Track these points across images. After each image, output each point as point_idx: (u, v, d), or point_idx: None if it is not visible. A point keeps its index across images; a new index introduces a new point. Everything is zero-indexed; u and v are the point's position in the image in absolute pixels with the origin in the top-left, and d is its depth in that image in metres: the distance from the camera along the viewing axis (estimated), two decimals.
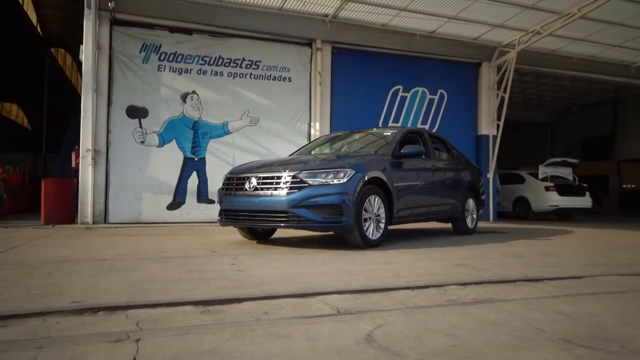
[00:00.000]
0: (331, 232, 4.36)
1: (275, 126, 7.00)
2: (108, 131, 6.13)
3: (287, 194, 3.41)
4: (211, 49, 6.67)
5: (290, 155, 4.84)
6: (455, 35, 7.61)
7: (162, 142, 6.42)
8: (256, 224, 3.66)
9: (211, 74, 6.68)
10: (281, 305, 1.86)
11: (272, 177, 3.54)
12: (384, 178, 3.81)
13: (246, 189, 3.61)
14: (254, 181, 3.60)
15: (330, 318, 1.70)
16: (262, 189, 3.55)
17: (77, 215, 5.97)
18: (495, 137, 8.15)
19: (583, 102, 12.95)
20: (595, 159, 13.37)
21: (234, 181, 3.81)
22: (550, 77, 9.93)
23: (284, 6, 6.57)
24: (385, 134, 4.71)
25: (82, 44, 6.00)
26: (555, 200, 8.64)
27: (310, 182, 3.41)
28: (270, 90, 7.03)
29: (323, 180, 3.42)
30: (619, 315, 1.79)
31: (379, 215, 3.75)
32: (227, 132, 6.75)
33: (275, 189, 3.48)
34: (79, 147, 6.08)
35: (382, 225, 3.76)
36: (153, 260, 2.96)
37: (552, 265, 2.96)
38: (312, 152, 4.94)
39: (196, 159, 6.58)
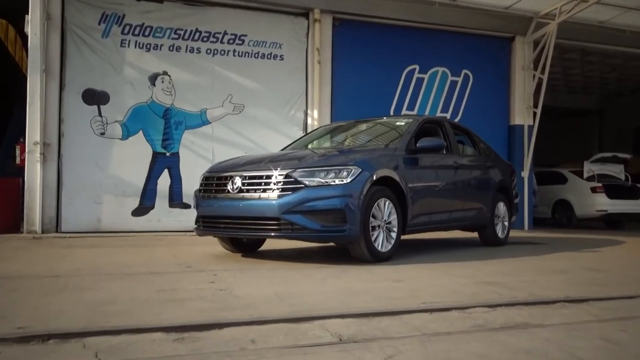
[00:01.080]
0: (332, 244, 4.40)
1: (264, 114, 6.97)
2: (60, 120, 6.09)
3: (279, 196, 3.43)
4: (186, 21, 6.62)
5: (282, 150, 4.86)
6: (482, 4, 7.52)
7: (127, 133, 6.38)
8: (241, 234, 3.69)
9: (186, 51, 6.65)
10: (271, 332, 1.86)
11: (261, 177, 3.55)
12: (397, 177, 3.83)
13: (229, 191, 3.63)
14: (238, 181, 3.61)
15: (330, 348, 1.70)
16: (248, 190, 3.56)
17: (22, 222, 5.93)
18: (531, 127, 8.11)
19: (638, 85, 12.92)
20: None
21: (214, 181, 3.82)
22: (597, 54, 9.79)
23: None
24: (397, 124, 4.73)
25: (27, 13, 5.92)
26: (603, 204, 8.59)
27: (307, 183, 3.43)
28: (257, 71, 6.99)
29: (322, 180, 3.44)
30: None
31: (389, 223, 3.78)
32: (206, 122, 6.72)
33: (264, 190, 3.50)
34: (24, 139, 6.03)
35: (393, 235, 3.79)
36: (116, 277, 2.96)
37: (599, 283, 2.98)
38: (309, 146, 4.95)
39: (168, 154, 6.55)
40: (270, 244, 4.70)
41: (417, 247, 5.30)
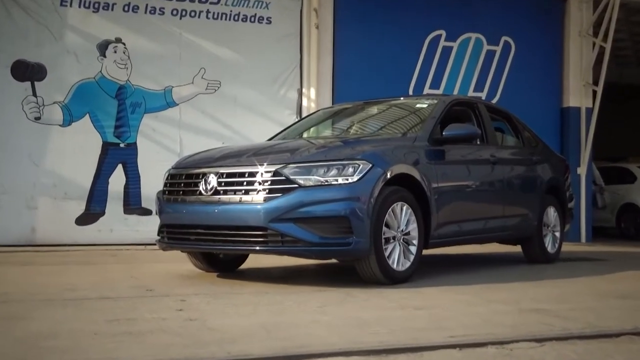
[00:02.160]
0: (334, 260, 4.37)
1: (247, 94, 6.96)
2: None
3: (265, 200, 3.43)
4: None
5: (270, 140, 4.88)
6: None
7: (69, 118, 6.38)
8: (216, 247, 3.71)
9: (145, 12, 6.63)
10: None
11: (242, 174, 3.56)
12: (417, 175, 3.84)
13: (201, 193, 3.63)
14: (212, 180, 3.61)
15: None
16: (225, 192, 3.57)
17: None
18: (590, 110, 8.11)
19: None
20: None
21: (182, 180, 3.84)
22: None
23: None
24: (418, 106, 4.76)
25: None
26: None
27: (302, 182, 3.42)
28: (238, 38, 6.98)
29: (321, 179, 3.44)
30: None
31: (408, 234, 3.77)
32: (172, 104, 6.72)
33: (247, 192, 3.49)
34: None
35: (413, 250, 3.79)
36: (56, 304, 2.95)
37: None
38: (305, 135, 5.00)
39: (122, 144, 6.54)
40: (254, 261, 4.67)
41: (443, 264, 5.26)
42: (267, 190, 3.45)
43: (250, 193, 3.49)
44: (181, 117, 6.71)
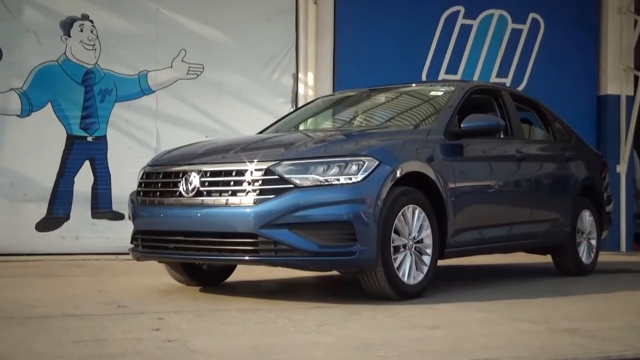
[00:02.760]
0: (335, 272, 4.41)
1: (234, 80, 6.97)
2: None
3: (256, 202, 3.44)
4: None
5: (261, 133, 4.90)
6: None
7: (28, 107, 6.37)
8: (199, 257, 3.73)
9: None
10: None
11: (229, 172, 3.59)
12: (431, 174, 3.86)
13: (181, 194, 3.65)
14: (194, 179, 3.62)
15: None
16: (209, 193, 3.59)
17: None
18: (631, 99, 8.11)
19: None
20: None
21: (160, 179, 3.86)
22: None
23: None
24: (432, 94, 4.79)
25: None
26: None
27: (298, 182, 3.44)
28: (224, 15, 6.98)
29: (320, 178, 3.46)
30: None
31: (421, 242, 3.79)
32: (147, 91, 6.72)
33: (234, 193, 3.52)
34: None
35: (426, 260, 3.80)
36: (14, 322, 2.94)
37: None
38: (302, 128, 5.03)
39: (90, 138, 6.55)
40: (243, 273, 4.70)
41: (461, 277, 5.28)
42: (258, 191, 3.46)
43: (238, 194, 3.50)
44: (158, 106, 6.70)
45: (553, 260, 5.31)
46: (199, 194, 3.60)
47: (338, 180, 3.47)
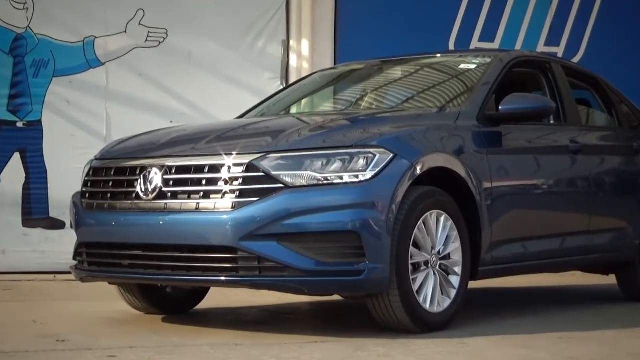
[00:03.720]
0: (337, 297, 4.46)
1: (206, 49, 6.99)
2: None
3: (235, 206, 3.43)
4: None
5: (242, 118, 4.94)
6: None
7: None
8: (162, 278, 3.75)
9: None
10: None
11: (200, 168, 3.59)
12: (461, 171, 3.86)
13: (139, 196, 3.65)
14: (156, 177, 3.62)
15: None
16: (175, 195, 3.59)
17: None
18: None
19: None
20: None
21: (111, 176, 3.87)
22: None
23: None
24: (463, 67, 4.83)
25: None
26: None
27: (289, 181, 3.43)
28: None
29: (318, 176, 3.45)
30: None
31: (447, 257, 3.78)
32: (94, 62, 6.73)
33: (207, 195, 3.52)
34: None
35: (454, 281, 3.79)
36: None
37: None
38: (294, 111, 5.08)
39: (21, 123, 6.57)
40: (218, 298, 4.68)
41: (499, 302, 5.30)
42: (237, 193, 3.43)
43: (212, 197, 3.48)
44: (109, 82, 6.69)
45: (617, 282, 5.28)
46: (161, 196, 3.58)
47: (341, 178, 3.44)
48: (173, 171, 3.61)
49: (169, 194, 3.59)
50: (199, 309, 4.43)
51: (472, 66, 4.74)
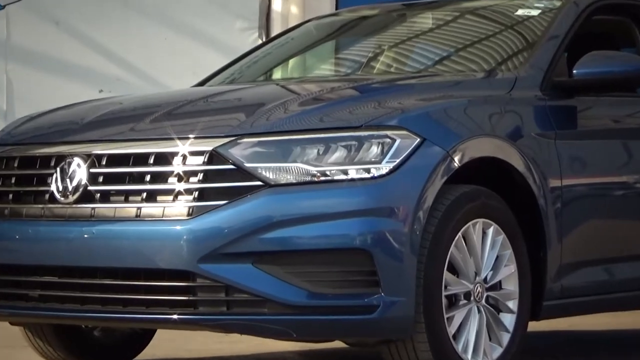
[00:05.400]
0: (338, 342, 4.40)
1: None
2: None
3: (193, 212, 3.35)
4: None
5: (202, 85, 4.96)
6: None
7: None
8: (87, 316, 3.66)
9: None
10: None
11: (142, 158, 3.51)
12: (518, 162, 3.77)
13: (54, 198, 3.59)
14: (79, 170, 3.55)
15: None
16: (106, 196, 3.55)
17: None
18: None
19: None
20: None
21: (14, 170, 3.80)
22: None
23: None
24: (520, 13, 4.72)
25: None
26: None
27: (271, 176, 3.36)
28: None
29: (312, 169, 3.38)
30: None
31: (497, 287, 3.67)
32: None
33: (152, 196, 3.46)
34: None
35: (507, 321, 3.68)
36: None
37: None
38: (277, 75, 5.06)
39: None
40: (169, 345, 4.71)
41: (571, 352, 5.22)
42: (197, 194, 3.34)
43: (159, 199, 3.40)
44: (10, 34, 6.96)
45: None
46: (87, 197, 3.49)
47: (345, 173, 3.35)
48: (103, 162, 3.51)
49: (98, 196, 3.49)
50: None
51: (535, 12, 4.55)
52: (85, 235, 3.49)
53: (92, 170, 3.50)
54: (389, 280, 3.31)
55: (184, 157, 3.39)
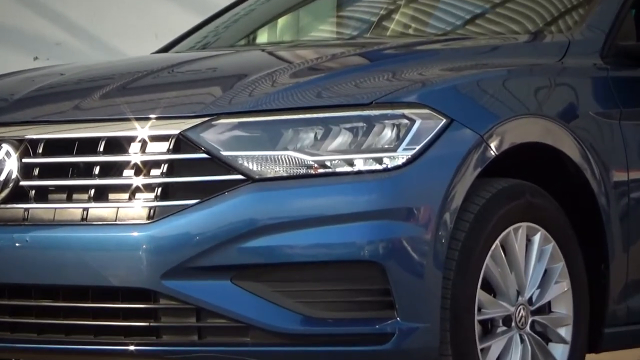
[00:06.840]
0: None
1: None
2: None
3: (155, 214, 3.50)
4: None
5: (165, 52, 5.15)
6: None
7: None
8: (20, 347, 3.82)
9: None
10: None
11: (89, 144, 3.65)
12: (573, 150, 3.88)
13: None
14: (9, 160, 3.78)
15: None
16: (43, 193, 3.72)
17: None
18: None
19: None
20: None
21: None
22: None
23: None
24: None
25: None
26: None
27: (255, 167, 3.48)
28: None
29: (308, 159, 3.52)
30: None
31: (545, 310, 3.79)
32: None
33: (103, 193, 3.62)
34: None
35: (558, 353, 3.83)
36: None
37: None
38: (262, 39, 5.18)
39: None
40: None
41: None
42: (159, 191, 3.47)
43: (112, 197, 3.54)
44: None
45: None
46: (18, 195, 3.60)
47: (350, 164, 3.46)
48: (39, 150, 3.58)
49: (33, 193, 3.61)
50: None
51: None
52: (17, 244, 3.62)
53: (24, 160, 3.59)
54: (406, 301, 3.45)
55: (144, 143, 3.46)
